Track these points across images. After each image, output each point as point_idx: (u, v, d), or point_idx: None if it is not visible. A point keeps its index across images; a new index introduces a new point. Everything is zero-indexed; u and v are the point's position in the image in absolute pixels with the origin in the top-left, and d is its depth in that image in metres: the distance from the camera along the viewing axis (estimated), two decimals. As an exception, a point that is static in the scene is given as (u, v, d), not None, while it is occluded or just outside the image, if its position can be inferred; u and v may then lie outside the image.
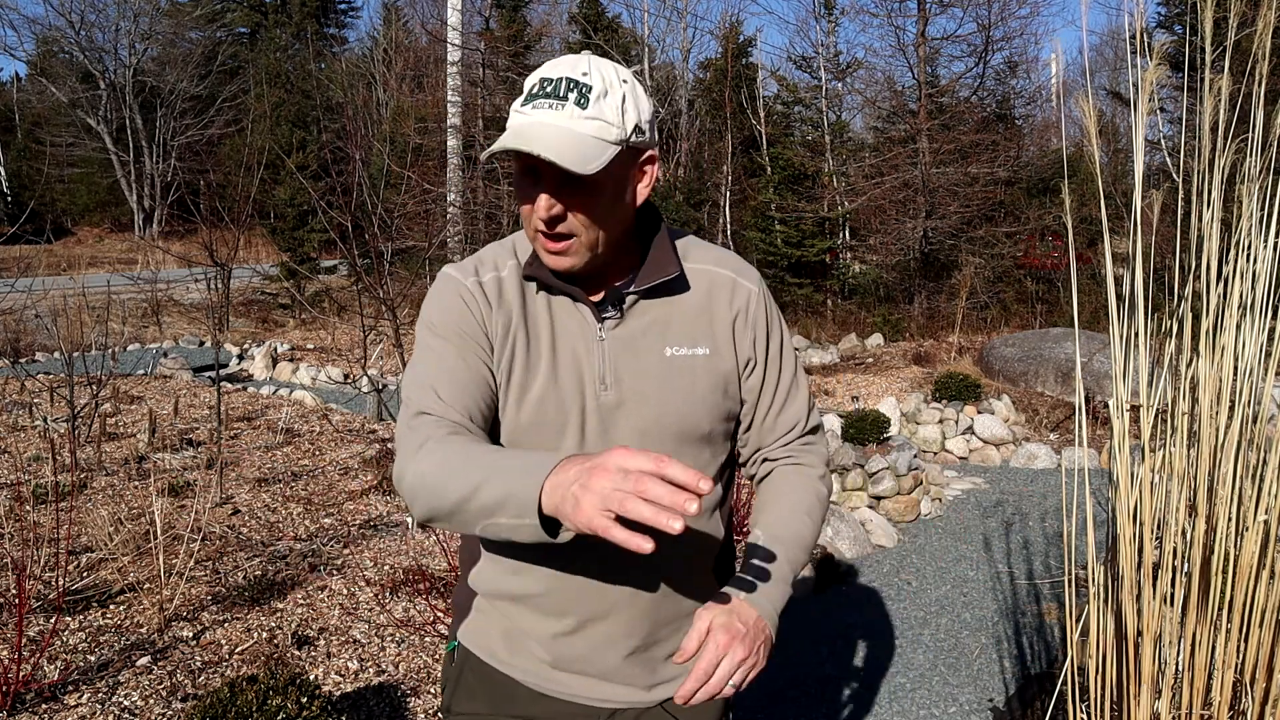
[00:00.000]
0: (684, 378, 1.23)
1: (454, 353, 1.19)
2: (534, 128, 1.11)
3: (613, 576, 1.23)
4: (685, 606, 1.29)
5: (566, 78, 1.13)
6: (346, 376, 9.30)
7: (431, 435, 1.10)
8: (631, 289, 1.22)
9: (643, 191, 1.21)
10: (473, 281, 1.24)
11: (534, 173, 1.14)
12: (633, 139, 1.15)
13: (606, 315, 1.23)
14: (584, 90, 1.12)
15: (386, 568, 3.85)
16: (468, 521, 1.01)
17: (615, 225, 1.19)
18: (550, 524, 0.94)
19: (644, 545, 0.84)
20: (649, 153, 1.19)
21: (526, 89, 1.17)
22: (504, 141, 1.10)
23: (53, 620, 3.11)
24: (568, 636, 1.27)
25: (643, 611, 1.26)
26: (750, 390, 1.30)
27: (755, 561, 1.22)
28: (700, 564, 1.31)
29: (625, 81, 1.15)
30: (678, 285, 1.25)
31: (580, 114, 1.11)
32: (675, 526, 0.82)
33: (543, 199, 1.13)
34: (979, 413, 6.83)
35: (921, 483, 5.23)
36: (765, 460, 1.36)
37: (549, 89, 1.13)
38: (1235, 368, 2.07)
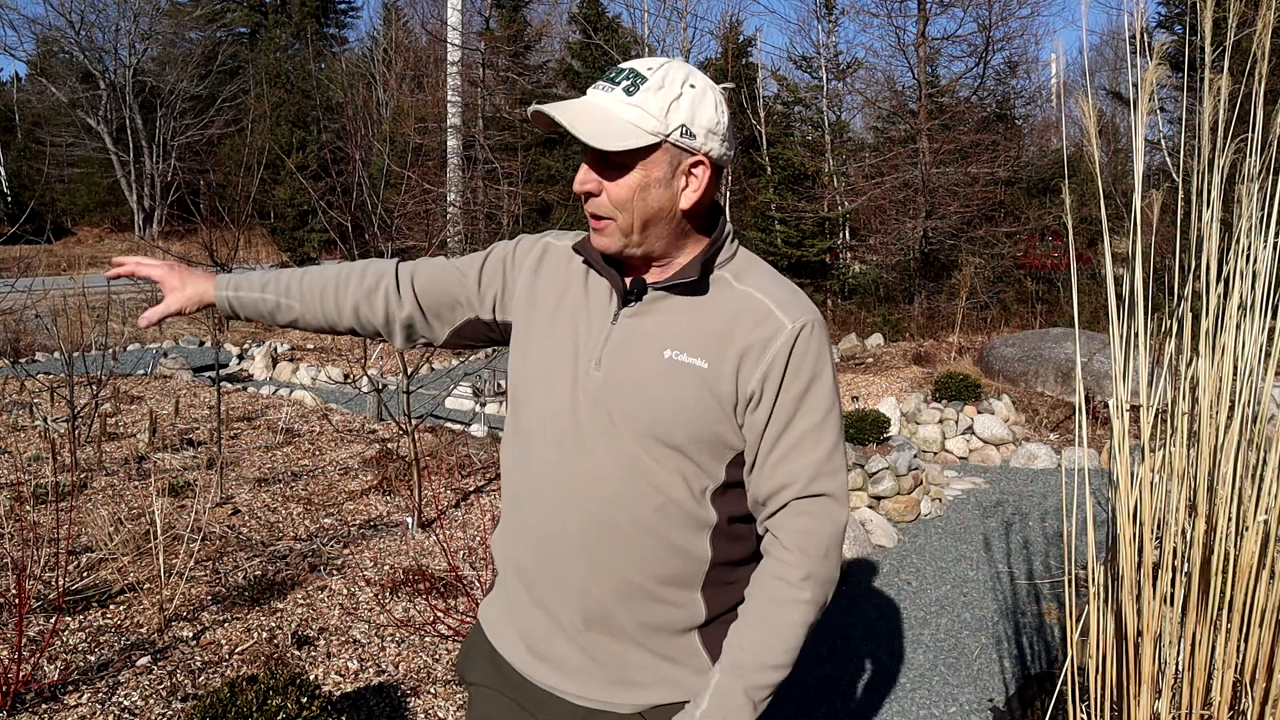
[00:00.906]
0: (672, 381, 1.21)
1: (470, 264, 1.41)
2: (574, 104, 1.20)
3: (556, 551, 1.26)
4: (650, 613, 1.25)
5: (631, 69, 1.20)
6: (346, 376, 9.31)
7: (372, 263, 1.44)
8: (654, 283, 1.25)
9: (690, 195, 1.21)
10: (545, 244, 1.38)
11: (586, 152, 1.22)
12: (674, 137, 1.17)
13: (631, 302, 1.26)
14: (638, 81, 1.18)
15: (386, 568, 3.85)
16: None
17: (652, 217, 1.21)
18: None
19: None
20: (696, 157, 1.20)
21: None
22: (545, 106, 1.19)
23: (53, 620, 3.11)
24: (531, 613, 1.31)
25: (588, 595, 1.25)
26: (751, 428, 1.23)
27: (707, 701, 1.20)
28: (668, 574, 1.25)
29: (693, 86, 1.18)
30: (701, 292, 1.24)
31: (624, 99, 1.18)
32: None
33: (580, 170, 1.23)
34: (979, 413, 6.83)
35: (921, 483, 5.23)
36: (762, 520, 1.28)
37: (611, 75, 1.21)
38: (1235, 368, 2.07)
